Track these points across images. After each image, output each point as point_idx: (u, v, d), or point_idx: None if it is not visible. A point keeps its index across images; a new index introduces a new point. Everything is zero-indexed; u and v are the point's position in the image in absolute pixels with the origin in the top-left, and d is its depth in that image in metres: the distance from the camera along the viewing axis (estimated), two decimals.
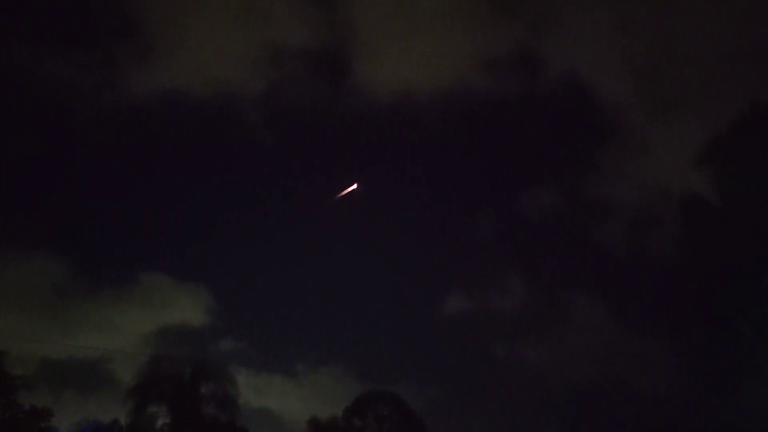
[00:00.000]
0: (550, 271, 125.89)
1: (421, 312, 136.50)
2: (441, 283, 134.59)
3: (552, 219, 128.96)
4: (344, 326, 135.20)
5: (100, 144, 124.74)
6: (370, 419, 72.48)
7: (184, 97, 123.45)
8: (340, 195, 74.00)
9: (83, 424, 25.69)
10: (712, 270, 23.11)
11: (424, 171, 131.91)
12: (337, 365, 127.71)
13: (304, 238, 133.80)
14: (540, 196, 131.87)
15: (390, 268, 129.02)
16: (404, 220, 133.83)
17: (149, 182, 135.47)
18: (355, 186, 69.83)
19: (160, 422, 45.72)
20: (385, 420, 72.13)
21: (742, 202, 22.13)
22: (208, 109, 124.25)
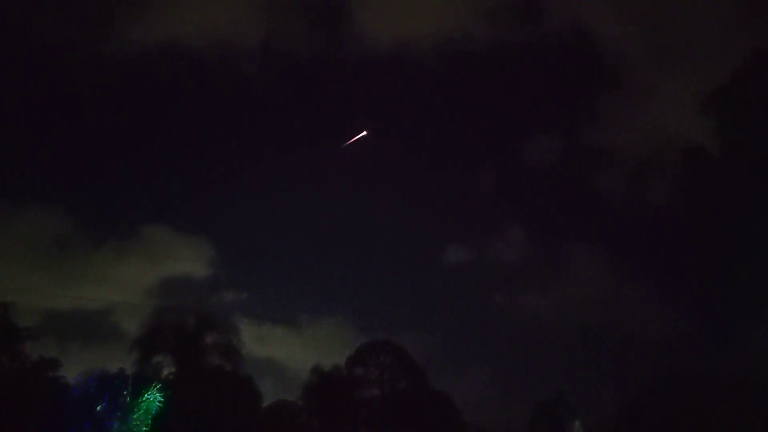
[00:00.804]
0: (550, 220, 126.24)
1: (423, 262, 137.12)
2: (442, 233, 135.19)
3: (553, 168, 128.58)
4: (346, 277, 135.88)
5: (100, 96, 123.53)
6: (372, 368, 73.61)
7: (182, 47, 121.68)
8: (348, 143, 73.47)
9: (90, 374, 26.13)
10: (710, 217, 23.17)
11: (427, 121, 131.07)
12: (339, 315, 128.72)
13: (305, 189, 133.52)
14: (541, 145, 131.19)
15: (392, 218, 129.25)
16: (406, 170, 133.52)
17: (149, 134, 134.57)
18: (364, 133, 69.18)
19: (165, 371, 46.40)
20: (386, 368, 73.27)
21: (742, 151, 22.05)
22: (206, 59, 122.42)
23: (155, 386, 23.56)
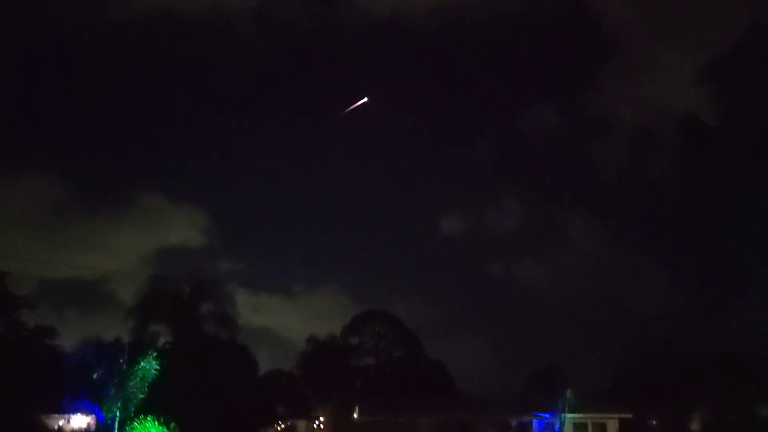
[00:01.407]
0: (547, 190, 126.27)
1: (419, 232, 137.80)
2: (438, 203, 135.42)
3: (550, 138, 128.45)
4: (342, 247, 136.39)
5: (95, 63, 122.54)
6: (367, 337, 74.36)
7: (177, 13, 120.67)
8: (348, 110, 72.95)
9: (86, 342, 26.25)
10: (707, 189, 23.13)
11: (423, 90, 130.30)
12: (335, 285, 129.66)
13: (302, 159, 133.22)
14: (538, 114, 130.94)
15: (388, 188, 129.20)
16: (403, 140, 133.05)
17: (145, 102, 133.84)
18: (365, 100, 68.63)
19: (161, 340, 46.71)
20: (381, 338, 74.02)
21: (740, 123, 21.95)
22: (201, 24, 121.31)
23: (151, 354, 23.67)
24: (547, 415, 53.12)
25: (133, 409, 22.62)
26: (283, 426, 68.90)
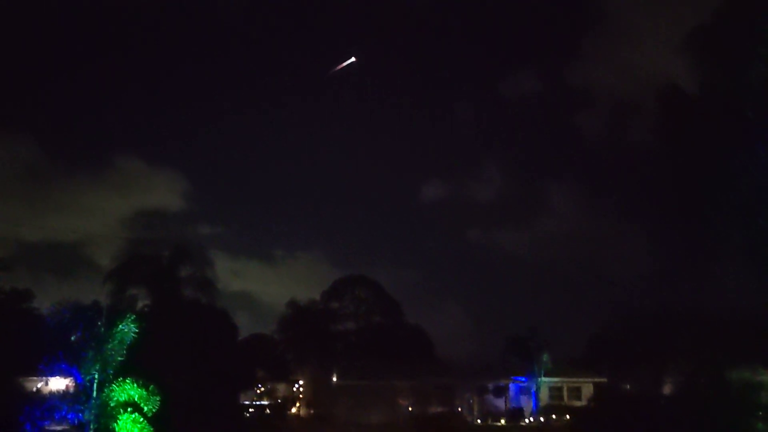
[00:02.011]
0: (527, 157, 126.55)
1: (399, 198, 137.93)
2: (419, 169, 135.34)
3: (531, 104, 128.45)
4: (322, 212, 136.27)
5: (74, 24, 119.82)
6: (348, 302, 74.71)
7: None
8: (335, 69, 72.12)
9: (63, 306, 26.05)
10: (685, 158, 23.35)
11: (405, 54, 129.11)
12: (315, 250, 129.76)
13: (282, 123, 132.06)
14: (520, 81, 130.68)
15: (369, 153, 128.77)
16: (384, 106, 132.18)
17: (123, 64, 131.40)
18: (353, 59, 67.85)
19: (140, 303, 46.57)
20: (361, 303, 74.41)
21: (719, 92, 22.08)
22: None
23: (130, 317, 23.57)
24: (523, 379, 54.07)
25: (111, 371, 22.54)
26: (262, 389, 69.44)
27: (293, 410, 65.80)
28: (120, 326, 22.84)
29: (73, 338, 23.32)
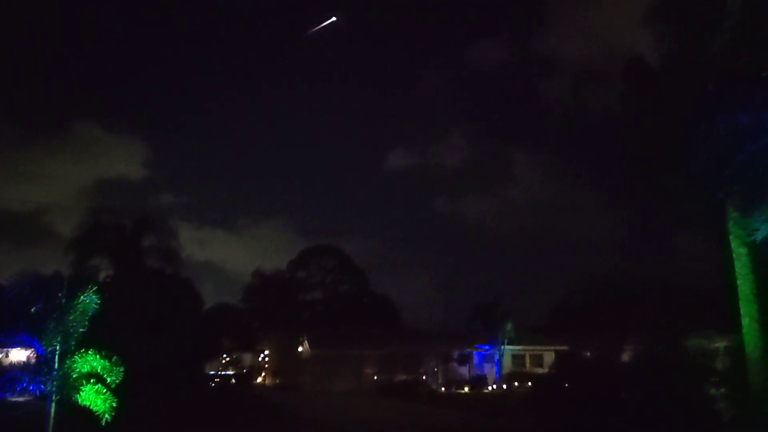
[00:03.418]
0: (493, 125, 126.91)
1: (365, 166, 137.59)
2: (385, 137, 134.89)
3: (497, 73, 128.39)
4: (287, 180, 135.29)
5: None
6: (314, 271, 74.89)
7: None
8: (315, 29, 70.85)
9: (23, 276, 25.52)
10: (648, 129, 23.64)
11: (368, 21, 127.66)
12: (280, 219, 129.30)
13: (245, 88, 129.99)
14: (485, 49, 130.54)
15: (335, 121, 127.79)
16: (349, 73, 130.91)
17: (81, 28, 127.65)
18: (333, 19, 66.78)
19: (103, 274, 46.08)
20: (328, 272, 74.63)
21: (680, 64, 22.30)
22: None
23: (92, 288, 23.20)
24: (487, 347, 54.94)
25: (73, 342, 22.22)
26: (227, 359, 69.50)
27: (259, 380, 66.03)
28: (82, 297, 22.43)
29: (33, 310, 22.88)
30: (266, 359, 70.03)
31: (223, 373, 67.20)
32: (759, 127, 19.55)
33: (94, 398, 20.06)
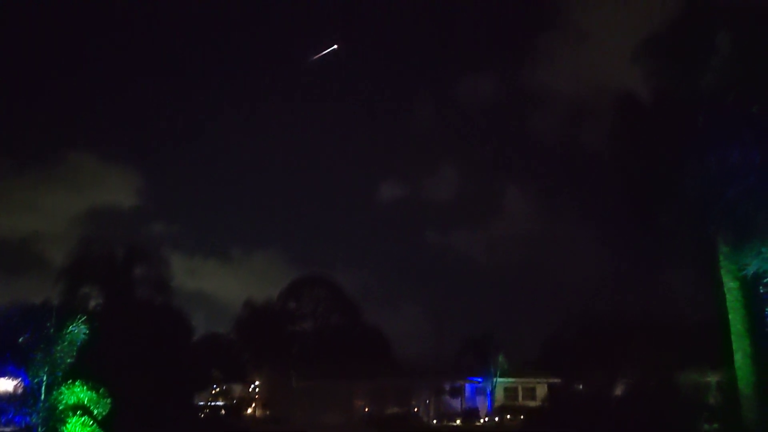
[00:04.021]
0: (484, 159, 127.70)
1: (357, 197, 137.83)
2: (377, 169, 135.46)
3: (487, 107, 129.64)
4: (280, 210, 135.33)
5: (24, 16, 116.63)
6: (305, 302, 74.33)
7: None
8: (317, 57, 71.25)
9: (13, 305, 25.37)
10: (639, 165, 23.82)
11: (361, 54, 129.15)
12: (272, 249, 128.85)
13: (238, 118, 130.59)
14: (476, 83, 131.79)
15: (328, 152, 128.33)
16: (342, 104, 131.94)
17: (76, 56, 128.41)
18: (335, 47, 67.18)
19: (93, 303, 45.71)
20: (319, 303, 74.10)
21: (671, 102, 22.58)
22: None
23: (80, 318, 23.04)
24: (479, 380, 54.57)
25: (60, 373, 22.01)
26: (217, 390, 68.72)
27: (249, 411, 65.24)
28: (70, 327, 22.29)
29: (21, 339, 22.69)
30: (256, 390, 69.23)
31: (212, 404, 66.38)
32: (748, 163, 19.76)
33: (80, 430, 19.82)
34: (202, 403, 62.92)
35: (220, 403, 67.23)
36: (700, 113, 21.53)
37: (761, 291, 20.43)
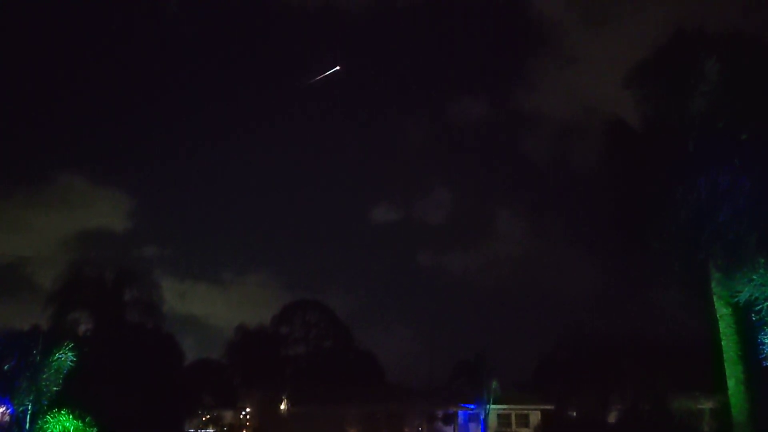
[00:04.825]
0: (476, 181, 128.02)
1: (349, 221, 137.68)
2: (369, 192, 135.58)
3: (479, 129, 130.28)
4: (272, 234, 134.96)
5: (17, 34, 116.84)
6: (297, 326, 73.85)
7: None
8: (318, 77, 71.69)
9: (1, 330, 25.08)
10: (628, 187, 23.88)
11: (354, 76, 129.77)
12: (265, 273, 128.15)
13: (228, 141, 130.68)
14: (468, 106, 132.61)
15: (319, 176, 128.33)
16: (334, 127, 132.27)
17: (67, 77, 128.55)
18: (337, 68, 67.86)
19: (82, 328, 45.26)
20: (312, 327, 73.63)
21: (661, 129, 22.70)
22: None
23: (67, 345, 22.78)
24: (472, 406, 54.07)
25: (46, 402, 21.71)
26: (208, 416, 67.90)
27: None
28: (57, 355, 22.03)
29: (6, 367, 22.38)
30: (247, 417, 68.50)
31: (203, 431, 65.60)
32: (737, 188, 19.80)
33: None
34: (191, 430, 62.12)
35: (210, 430, 66.45)
36: (690, 138, 21.64)
37: (754, 318, 20.29)
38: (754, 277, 19.70)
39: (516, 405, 55.05)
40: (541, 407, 53.51)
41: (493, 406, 53.85)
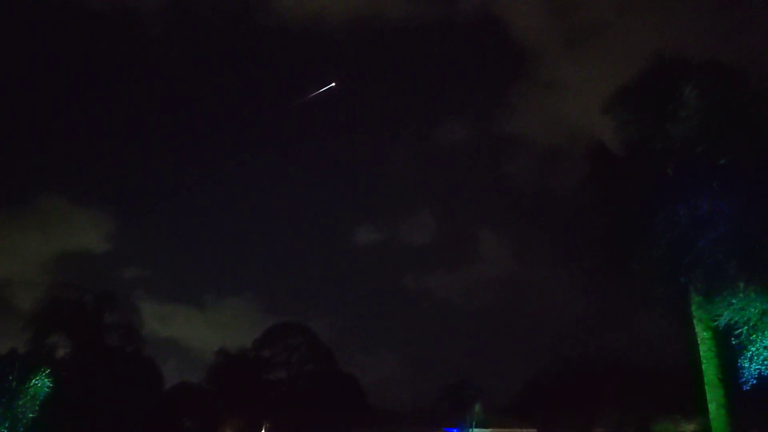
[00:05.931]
0: (460, 204, 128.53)
1: (332, 242, 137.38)
2: (352, 214, 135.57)
3: (463, 152, 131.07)
4: (253, 256, 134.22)
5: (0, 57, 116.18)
6: (279, 350, 73.20)
7: (81, 7, 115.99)
8: (314, 94, 72.00)
9: None
10: (610, 211, 24.05)
11: (339, 99, 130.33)
12: (246, 296, 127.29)
13: (210, 163, 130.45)
14: (452, 129, 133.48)
15: (302, 197, 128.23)
16: (318, 150, 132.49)
17: (48, 98, 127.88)
18: (330, 86, 68.06)
19: (61, 352, 44.63)
20: (294, 350, 73.03)
21: (641, 152, 22.94)
22: (106, 20, 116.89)
23: (44, 371, 22.40)
24: (455, 430, 53.76)
25: (22, 429, 21.28)
26: None
27: None
28: (33, 381, 21.65)
29: None
30: None
31: None
32: (717, 213, 20.00)
33: None
34: None
35: None
36: (671, 163, 21.87)
37: (733, 342, 20.42)
38: (734, 301, 19.85)
39: (499, 428, 54.77)
40: (525, 431, 53.28)
41: (476, 430, 53.56)
